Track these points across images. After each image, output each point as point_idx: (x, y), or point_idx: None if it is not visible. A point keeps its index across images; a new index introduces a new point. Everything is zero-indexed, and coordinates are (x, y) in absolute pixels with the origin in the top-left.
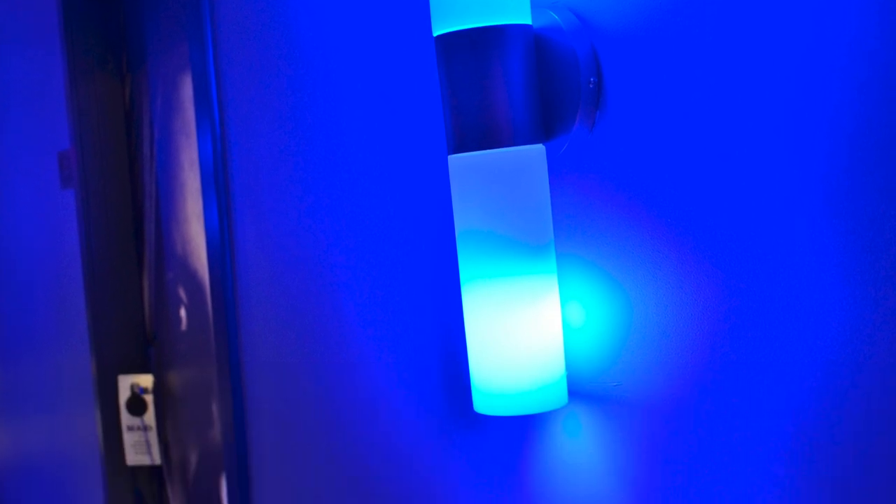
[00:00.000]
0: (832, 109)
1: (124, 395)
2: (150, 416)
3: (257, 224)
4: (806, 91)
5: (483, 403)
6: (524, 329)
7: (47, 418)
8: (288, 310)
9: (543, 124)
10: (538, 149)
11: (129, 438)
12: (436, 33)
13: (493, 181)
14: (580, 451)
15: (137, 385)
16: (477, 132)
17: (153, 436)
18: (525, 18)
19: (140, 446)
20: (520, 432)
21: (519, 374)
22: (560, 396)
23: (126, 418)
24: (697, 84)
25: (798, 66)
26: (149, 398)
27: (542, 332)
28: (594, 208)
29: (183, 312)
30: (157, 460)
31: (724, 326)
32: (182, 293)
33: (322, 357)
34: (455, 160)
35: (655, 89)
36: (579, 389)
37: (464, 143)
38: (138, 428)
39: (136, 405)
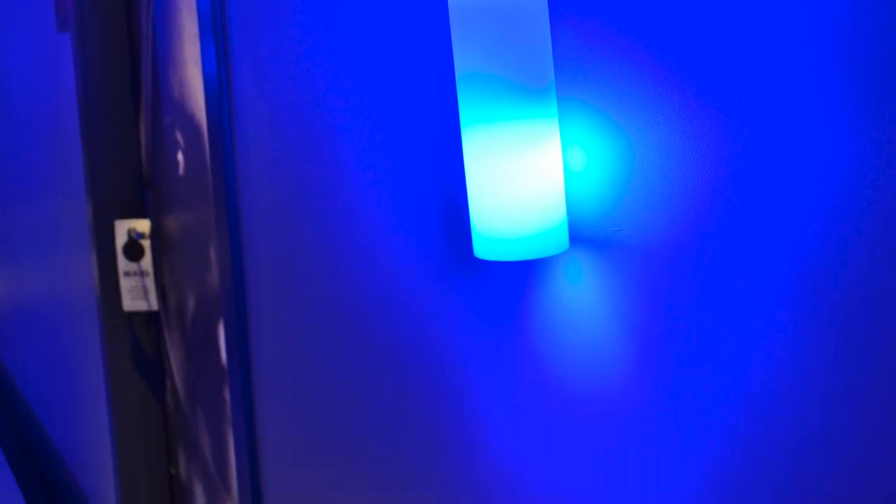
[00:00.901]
0: None
1: (121, 240)
2: (146, 262)
3: (255, 67)
4: None
5: (483, 248)
6: (525, 173)
7: (44, 264)
8: (286, 153)
9: None
10: None
11: (125, 284)
12: None
13: (493, 23)
14: (581, 297)
15: (134, 230)
16: None
17: (150, 281)
18: None
19: (137, 292)
20: (520, 278)
21: (519, 219)
22: (561, 241)
23: (123, 263)
24: None
25: None
26: (146, 243)
27: (543, 177)
28: (596, 51)
29: (180, 156)
30: (155, 306)
31: (726, 171)
32: (179, 137)
33: (321, 202)
34: (455, 1)
35: None
36: (580, 234)
37: None
38: (135, 273)
39: (133, 250)
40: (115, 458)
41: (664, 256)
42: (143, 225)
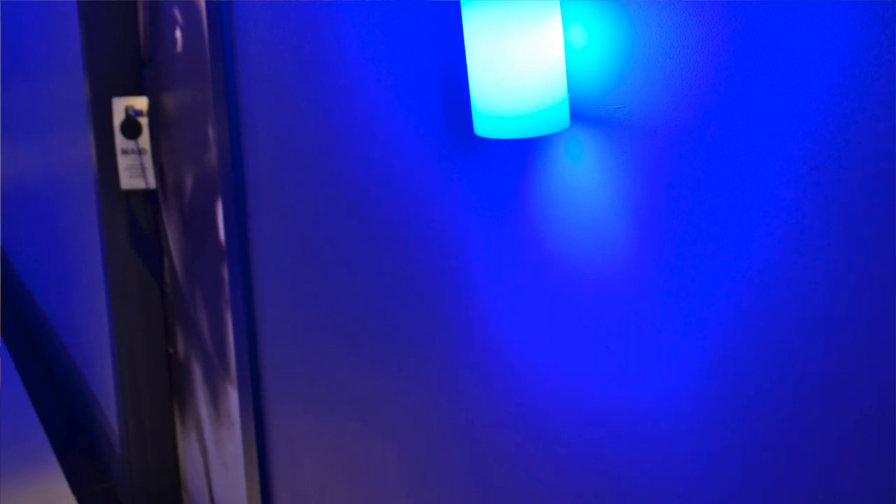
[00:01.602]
0: None
1: (118, 117)
2: (144, 139)
3: None
4: None
5: (484, 126)
6: (525, 51)
7: (42, 144)
8: (285, 30)
9: None
10: None
11: (123, 162)
12: None
13: None
14: (582, 175)
15: (132, 107)
16: None
17: (148, 159)
18: None
19: (134, 170)
20: (521, 155)
21: (520, 97)
22: (562, 119)
23: (120, 141)
24: None
25: None
26: (143, 121)
27: (544, 55)
28: None
29: (178, 34)
30: (152, 184)
31: (728, 48)
32: (177, 14)
33: (320, 80)
34: None
35: None
36: (581, 112)
37: None
38: (132, 151)
39: (131, 128)
40: (112, 337)
41: (666, 134)
42: (141, 102)
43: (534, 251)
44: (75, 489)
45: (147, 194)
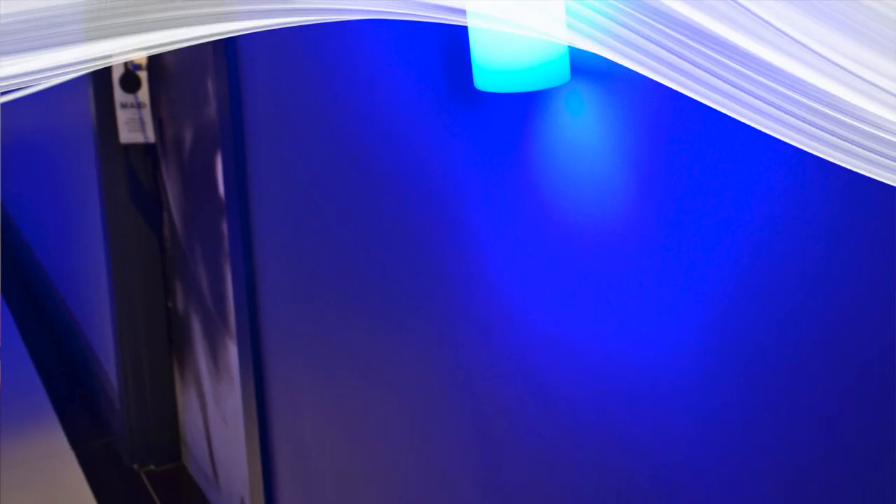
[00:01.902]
0: None
1: (117, 71)
2: (143, 93)
3: None
4: None
5: (484, 80)
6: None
7: (40, 98)
8: None
9: None
10: None
11: (122, 116)
12: None
13: None
14: (582, 129)
15: (131, 61)
16: None
17: (147, 113)
18: None
19: (134, 124)
20: (521, 109)
21: (520, 51)
22: (562, 73)
23: (119, 95)
24: None
25: None
26: (142, 75)
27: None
28: None
29: None
30: (151, 138)
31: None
32: None
33: (319, 34)
34: None
35: None
36: (582, 66)
37: None
38: (132, 105)
39: (130, 82)
40: (111, 292)
41: (666, 88)
42: (140, 56)
43: (534, 206)
44: (74, 444)
45: (146, 148)
